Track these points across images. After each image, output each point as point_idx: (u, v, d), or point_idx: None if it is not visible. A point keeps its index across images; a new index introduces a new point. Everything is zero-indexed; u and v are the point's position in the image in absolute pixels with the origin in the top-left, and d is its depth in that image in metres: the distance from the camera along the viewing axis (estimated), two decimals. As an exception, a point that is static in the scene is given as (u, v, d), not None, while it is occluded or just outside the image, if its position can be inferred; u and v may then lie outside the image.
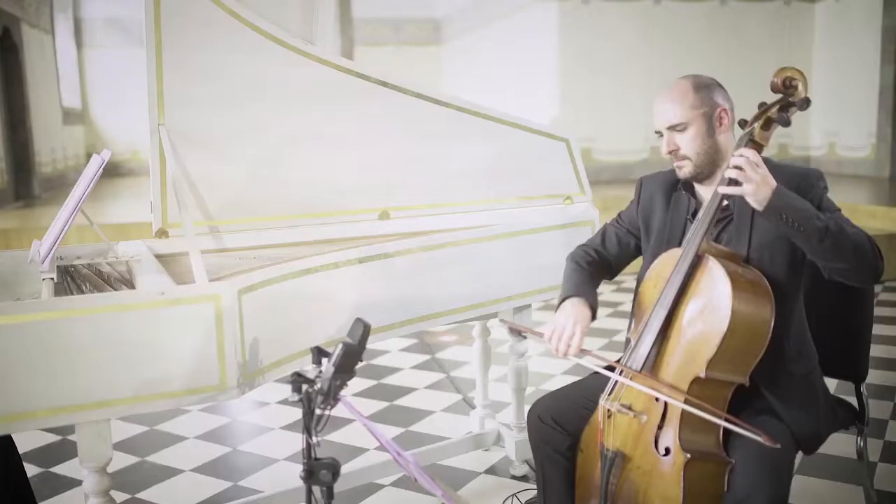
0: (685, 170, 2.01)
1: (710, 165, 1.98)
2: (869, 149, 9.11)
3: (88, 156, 10.83)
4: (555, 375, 4.13)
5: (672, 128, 1.98)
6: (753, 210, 1.94)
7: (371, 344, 3.94)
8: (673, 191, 2.13)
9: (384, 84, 2.78)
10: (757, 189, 1.77)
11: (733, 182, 1.80)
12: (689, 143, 1.97)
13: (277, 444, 3.40)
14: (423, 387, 4.10)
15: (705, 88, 1.98)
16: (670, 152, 2.00)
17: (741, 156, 1.80)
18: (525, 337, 2.12)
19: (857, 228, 1.86)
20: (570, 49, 9.48)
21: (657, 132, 2.04)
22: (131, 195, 9.83)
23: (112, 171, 10.35)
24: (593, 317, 2.10)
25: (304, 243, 2.79)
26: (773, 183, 1.79)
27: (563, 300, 2.12)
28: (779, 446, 1.68)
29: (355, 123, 2.82)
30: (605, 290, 5.81)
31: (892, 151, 8.79)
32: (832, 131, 9.64)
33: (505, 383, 3.13)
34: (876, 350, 4.43)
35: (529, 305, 2.90)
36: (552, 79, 9.66)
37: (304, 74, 2.65)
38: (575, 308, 2.06)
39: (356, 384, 4.14)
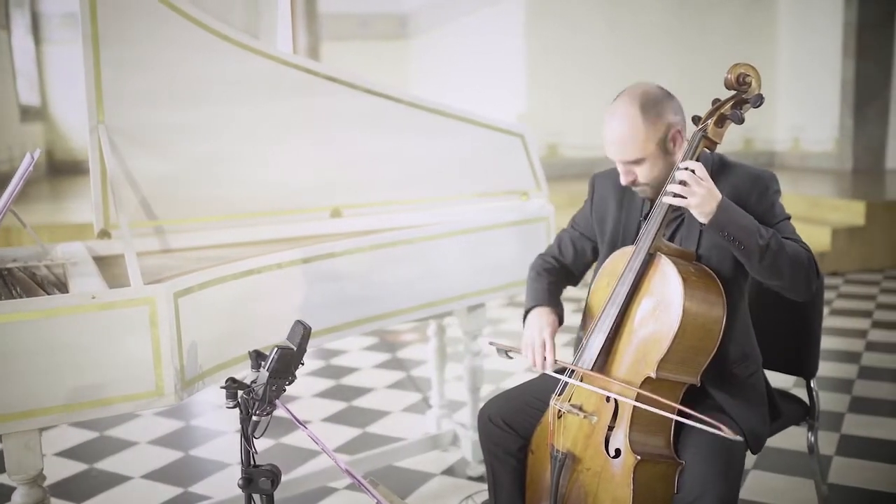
0: (646, 193, 1.98)
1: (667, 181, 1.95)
2: (832, 143, 9.19)
3: (48, 154, 10.64)
4: (514, 373, 4.09)
5: (627, 162, 1.93)
6: None
7: (327, 344, 3.89)
8: (626, 189, 2.09)
9: (333, 79, 2.72)
10: (701, 202, 1.76)
11: (678, 195, 1.78)
12: (647, 173, 1.92)
13: (231, 448, 3.33)
14: (382, 386, 4.05)
15: (654, 109, 1.88)
16: (630, 183, 1.95)
17: (686, 168, 1.78)
18: (511, 357, 2.09)
19: (799, 245, 1.85)
20: (537, 44, 9.45)
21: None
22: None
23: (73, 170, 10.13)
24: (560, 322, 2.07)
25: (252, 243, 2.73)
26: (718, 196, 1.77)
27: (528, 311, 2.09)
28: (741, 438, 1.67)
29: (305, 120, 2.76)
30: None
31: (854, 145, 8.88)
32: (797, 125, 9.71)
33: (463, 382, 3.09)
34: (835, 343, 4.47)
35: (483, 304, 2.86)
36: (520, 73, 9.62)
37: (249, 70, 2.59)
38: (540, 318, 2.03)
39: (315, 385, 4.08)
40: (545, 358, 1.96)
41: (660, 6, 9.61)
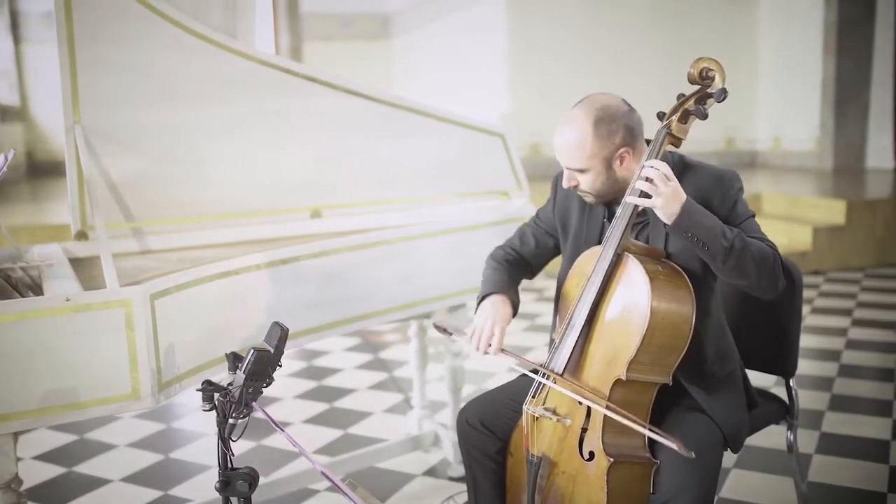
0: (587, 199, 2.01)
1: (612, 194, 1.96)
2: (813, 142, 9.24)
3: (28, 154, 10.54)
4: (496, 374, 4.09)
5: (571, 169, 1.95)
6: None
7: (309, 345, 3.87)
8: None
9: (312, 79, 2.71)
10: (666, 203, 1.76)
11: (644, 194, 1.78)
12: (589, 183, 1.94)
13: (212, 451, 3.30)
14: (364, 387, 4.04)
15: (607, 126, 1.88)
16: (572, 187, 1.98)
17: (653, 167, 1.77)
18: (451, 334, 2.08)
19: (764, 243, 1.85)
20: (520, 42, 9.46)
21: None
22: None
23: (53, 171, 10.03)
24: (514, 313, 2.07)
25: (232, 244, 2.72)
26: (683, 197, 1.77)
27: (482, 298, 2.08)
28: (693, 456, 1.64)
29: (284, 120, 2.74)
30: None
31: (834, 144, 8.93)
32: (778, 124, 9.76)
33: (445, 382, 3.08)
34: (815, 341, 4.50)
35: (464, 304, 2.86)
36: (502, 72, 9.64)
37: (228, 70, 2.57)
38: (494, 306, 2.03)
39: (296, 386, 4.06)
40: (490, 345, 1.96)
41: (642, 5, 9.63)
